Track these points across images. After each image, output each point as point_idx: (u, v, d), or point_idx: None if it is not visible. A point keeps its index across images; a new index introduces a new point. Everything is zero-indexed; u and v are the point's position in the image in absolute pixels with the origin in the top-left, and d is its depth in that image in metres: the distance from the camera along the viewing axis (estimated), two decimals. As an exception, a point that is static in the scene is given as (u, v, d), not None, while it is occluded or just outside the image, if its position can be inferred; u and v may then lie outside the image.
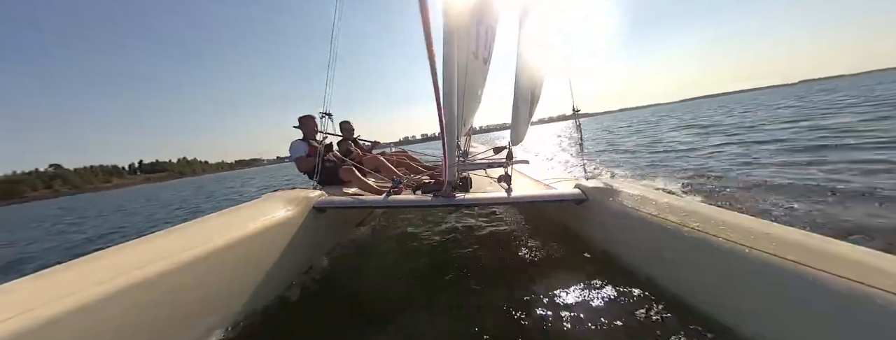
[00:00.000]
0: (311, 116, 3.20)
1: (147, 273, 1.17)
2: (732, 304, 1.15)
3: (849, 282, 0.85)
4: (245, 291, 1.53)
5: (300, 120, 3.24)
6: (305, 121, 3.21)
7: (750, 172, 3.84)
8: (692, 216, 1.39)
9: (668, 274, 1.42)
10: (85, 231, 7.60)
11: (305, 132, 3.24)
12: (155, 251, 1.30)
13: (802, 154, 4.45)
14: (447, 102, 1.91)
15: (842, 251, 1.00)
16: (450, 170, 1.95)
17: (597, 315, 1.39)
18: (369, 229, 3.11)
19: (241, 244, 1.53)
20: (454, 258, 2.27)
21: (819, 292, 0.90)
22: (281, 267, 1.73)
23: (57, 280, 1.08)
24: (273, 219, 1.77)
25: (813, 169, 3.59)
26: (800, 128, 6.86)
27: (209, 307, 1.36)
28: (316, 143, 3.13)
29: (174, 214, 8.55)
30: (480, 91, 2.64)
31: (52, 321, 0.91)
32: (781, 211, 2.45)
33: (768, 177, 3.46)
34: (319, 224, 2.10)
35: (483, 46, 2.36)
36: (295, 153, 3.13)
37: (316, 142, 3.17)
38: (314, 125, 3.17)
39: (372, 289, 1.99)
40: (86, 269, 1.16)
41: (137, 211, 10.85)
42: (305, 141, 3.22)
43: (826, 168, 3.55)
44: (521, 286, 1.74)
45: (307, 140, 3.22)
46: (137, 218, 8.79)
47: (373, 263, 2.39)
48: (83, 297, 0.99)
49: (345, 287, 2.08)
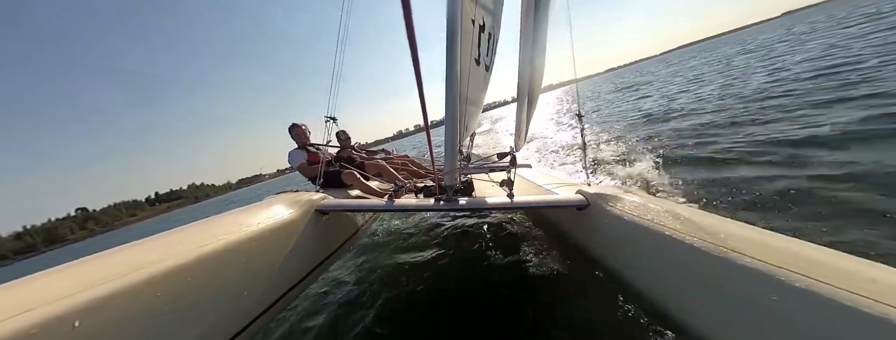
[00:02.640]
0: (297, 125, 3.32)
1: (149, 274, 1.17)
2: (735, 318, 1.09)
3: (876, 303, 0.79)
4: (247, 293, 1.53)
5: (290, 129, 3.34)
6: (296, 130, 3.31)
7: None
8: (695, 226, 1.36)
9: (668, 284, 1.39)
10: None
11: (297, 140, 3.32)
12: (157, 252, 1.31)
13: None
14: (449, 107, 1.92)
15: (852, 265, 0.94)
16: (452, 175, 1.96)
17: (591, 325, 1.38)
18: (371, 232, 3.11)
19: (243, 245, 1.54)
20: (455, 261, 2.26)
21: (829, 308, 0.84)
22: (283, 268, 1.74)
23: (58, 280, 1.09)
24: (276, 221, 1.78)
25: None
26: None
27: (211, 308, 1.36)
28: (314, 149, 3.20)
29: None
30: (482, 96, 2.67)
31: (53, 321, 0.91)
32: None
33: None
34: (321, 226, 2.11)
35: (484, 53, 2.38)
36: (294, 161, 3.22)
37: (314, 147, 3.24)
38: (303, 133, 3.29)
39: (373, 291, 1.99)
40: (87, 270, 1.16)
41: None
42: (302, 148, 3.29)
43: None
44: (521, 289, 1.73)
45: (303, 147, 3.30)
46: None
47: (374, 266, 2.39)
48: (84, 298, 1.00)
49: (346, 288, 2.09)
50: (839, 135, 2.96)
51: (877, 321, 0.77)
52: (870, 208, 1.93)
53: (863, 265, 0.95)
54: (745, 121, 4.44)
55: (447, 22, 1.73)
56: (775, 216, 2.19)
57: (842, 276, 0.89)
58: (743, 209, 2.37)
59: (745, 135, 3.85)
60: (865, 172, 2.27)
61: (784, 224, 2.08)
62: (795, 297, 0.91)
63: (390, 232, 3.20)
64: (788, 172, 2.63)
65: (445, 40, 1.75)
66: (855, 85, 4.43)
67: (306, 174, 3.17)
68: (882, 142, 2.63)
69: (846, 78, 4.93)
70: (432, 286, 1.95)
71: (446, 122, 1.91)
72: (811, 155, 2.80)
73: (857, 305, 0.80)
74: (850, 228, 1.82)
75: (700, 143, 4.06)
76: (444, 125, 1.95)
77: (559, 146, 6.43)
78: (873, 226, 1.78)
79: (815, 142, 3.04)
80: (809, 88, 5.04)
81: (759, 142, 3.47)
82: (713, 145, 3.86)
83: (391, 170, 3.27)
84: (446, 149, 1.93)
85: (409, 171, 3.82)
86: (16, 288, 1.03)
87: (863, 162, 2.41)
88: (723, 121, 4.79)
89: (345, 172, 3.04)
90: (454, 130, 1.90)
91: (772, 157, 3.01)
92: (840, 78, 5.05)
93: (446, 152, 1.94)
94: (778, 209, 2.25)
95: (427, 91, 1.72)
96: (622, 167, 4.03)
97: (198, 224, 1.68)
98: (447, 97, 1.90)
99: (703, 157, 3.55)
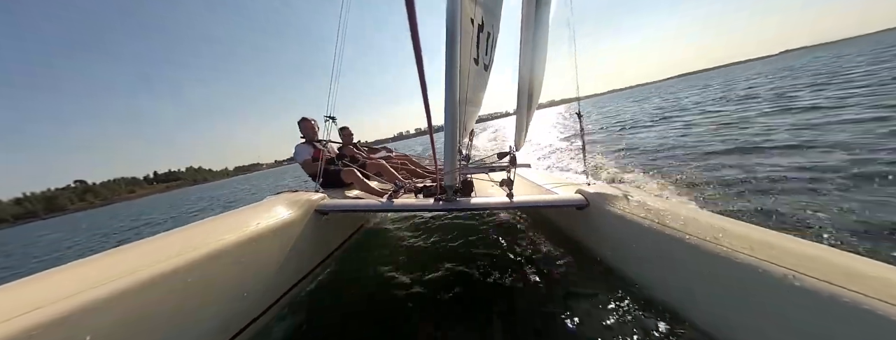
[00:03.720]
0: (307, 119, 3.27)
1: (149, 274, 1.18)
2: (734, 315, 1.10)
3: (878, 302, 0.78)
4: (247, 293, 1.53)
5: (300, 123, 3.30)
6: (304, 124, 3.27)
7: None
8: (694, 224, 1.37)
9: (667, 282, 1.40)
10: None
11: (305, 134, 3.29)
12: (158, 252, 1.31)
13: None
14: (449, 107, 1.92)
15: (853, 263, 0.93)
16: (451, 175, 1.96)
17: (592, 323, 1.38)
18: (371, 232, 3.11)
19: (243, 246, 1.54)
20: (455, 261, 2.26)
21: (827, 304, 0.85)
22: (283, 268, 1.74)
23: (59, 280, 1.09)
24: (275, 221, 1.78)
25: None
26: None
27: (211, 308, 1.36)
28: (320, 147, 3.18)
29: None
30: (481, 96, 2.67)
31: (53, 321, 0.91)
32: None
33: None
34: (321, 226, 2.11)
35: (483, 53, 2.39)
36: (299, 156, 3.18)
37: (320, 144, 3.22)
38: (311, 127, 3.25)
39: (373, 292, 1.99)
40: (87, 270, 1.16)
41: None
42: (309, 143, 3.26)
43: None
44: (521, 289, 1.73)
45: (310, 142, 3.27)
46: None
47: (374, 266, 2.39)
48: (85, 298, 1.00)
49: (346, 289, 2.09)
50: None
51: (876, 318, 0.77)
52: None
53: (863, 263, 0.95)
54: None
55: (447, 22, 1.73)
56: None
57: (841, 274, 0.89)
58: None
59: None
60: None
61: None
62: (793, 294, 0.92)
63: (390, 231, 3.21)
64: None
65: (445, 40, 1.75)
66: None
67: (308, 170, 3.14)
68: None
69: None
70: (432, 286, 1.95)
71: (446, 122, 1.91)
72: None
73: (856, 303, 0.81)
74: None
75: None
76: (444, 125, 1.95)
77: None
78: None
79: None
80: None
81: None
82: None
83: (391, 170, 3.27)
84: (446, 148, 1.93)
85: (408, 171, 3.82)
86: (18, 289, 1.03)
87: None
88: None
89: (345, 170, 3.03)
90: (454, 130, 1.90)
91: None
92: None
93: (446, 152, 1.94)
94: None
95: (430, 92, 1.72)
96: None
97: (198, 224, 1.68)
98: (447, 96, 1.90)
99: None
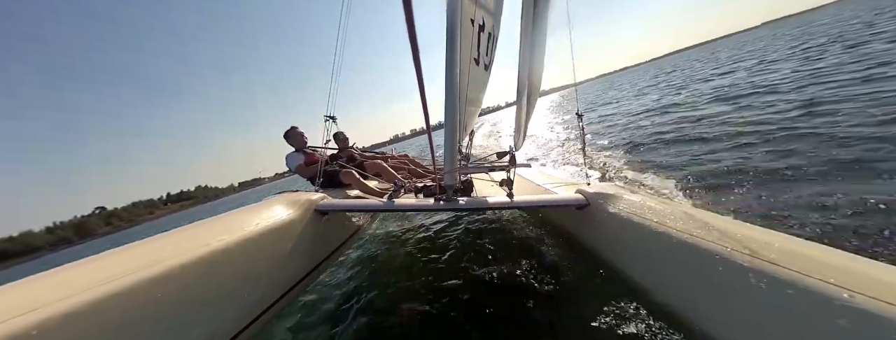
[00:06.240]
0: (295, 128, 3.35)
1: (150, 274, 1.17)
2: (734, 315, 1.09)
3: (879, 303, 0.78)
4: (247, 293, 1.53)
5: (286, 134, 3.36)
6: (292, 134, 3.33)
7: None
8: (694, 223, 1.36)
9: (667, 282, 1.40)
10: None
11: (293, 143, 3.34)
12: (157, 253, 1.30)
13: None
14: (449, 107, 1.92)
15: (856, 265, 0.93)
16: (451, 174, 1.96)
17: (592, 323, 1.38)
18: (371, 232, 3.11)
19: (243, 246, 1.54)
20: (454, 261, 2.26)
21: (827, 305, 0.85)
22: (283, 269, 1.74)
23: (58, 281, 1.09)
24: (275, 222, 1.78)
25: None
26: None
27: (211, 309, 1.36)
28: (311, 150, 3.22)
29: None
30: (481, 95, 2.67)
31: (53, 321, 0.91)
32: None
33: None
34: (321, 226, 2.11)
35: (484, 52, 2.39)
36: (291, 164, 3.24)
37: (310, 149, 3.26)
38: (300, 135, 3.33)
39: (373, 291, 1.99)
40: (87, 270, 1.16)
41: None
42: (299, 151, 3.31)
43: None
44: (520, 288, 1.73)
45: (300, 150, 3.32)
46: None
47: (374, 266, 2.39)
48: (84, 298, 1.00)
49: (346, 289, 2.08)
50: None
51: (876, 319, 0.77)
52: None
53: (863, 264, 0.95)
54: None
55: (447, 22, 1.73)
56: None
57: (841, 274, 0.89)
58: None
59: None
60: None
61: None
62: (793, 294, 0.92)
63: (390, 232, 3.21)
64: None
65: (445, 40, 1.75)
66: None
67: (304, 174, 3.17)
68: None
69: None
70: (431, 286, 1.96)
71: (446, 122, 1.91)
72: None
73: (856, 304, 0.81)
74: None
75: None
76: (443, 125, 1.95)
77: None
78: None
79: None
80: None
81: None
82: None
83: (390, 170, 3.27)
84: (446, 148, 1.93)
85: (408, 171, 3.82)
86: (17, 289, 1.03)
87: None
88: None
89: (343, 171, 3.04)
90: (454, 129, 1.90)
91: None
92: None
93: (446, 151, 1.94)
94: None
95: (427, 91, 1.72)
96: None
97: (198, 224, 1.68)
98: (447, 97, 1.90)
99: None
